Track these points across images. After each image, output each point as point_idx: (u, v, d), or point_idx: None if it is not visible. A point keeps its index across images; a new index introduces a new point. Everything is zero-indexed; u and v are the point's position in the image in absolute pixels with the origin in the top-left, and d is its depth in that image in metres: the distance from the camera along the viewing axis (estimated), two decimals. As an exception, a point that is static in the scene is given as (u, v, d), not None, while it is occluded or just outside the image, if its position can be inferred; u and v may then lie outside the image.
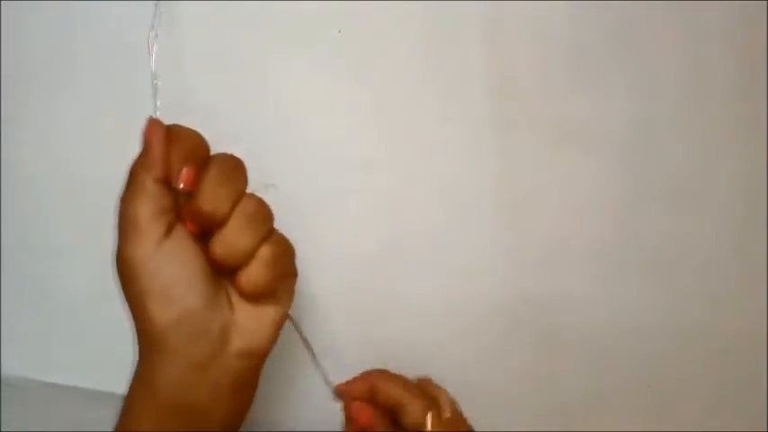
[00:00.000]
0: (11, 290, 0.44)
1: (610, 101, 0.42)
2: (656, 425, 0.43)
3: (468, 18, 0.41)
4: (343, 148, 0.42)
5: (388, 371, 0.37)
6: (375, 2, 0.41)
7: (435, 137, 0.42)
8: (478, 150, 0.42)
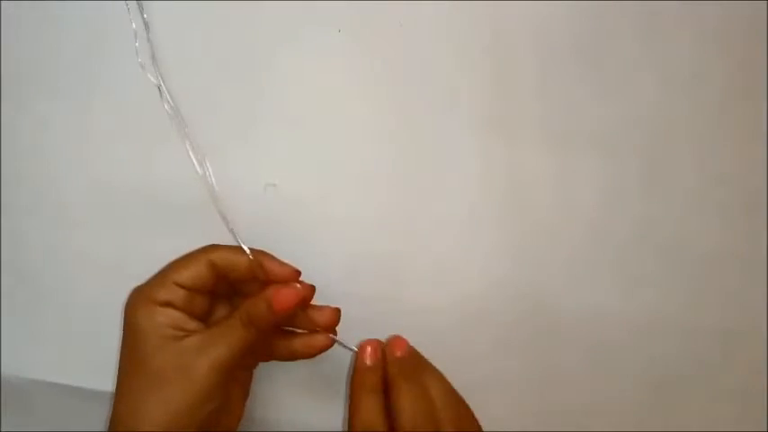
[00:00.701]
0: (11, 290, 0.44)
1: (610, 101, 0.42)
2: (656, 425, 0.43)
3: (469, 18, 0.41)
4: (344, 148, 0.42)
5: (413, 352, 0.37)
6: (375, 2, 0.41)
7: (435, 136, 0.42)
8: (478, 150, 0.42)
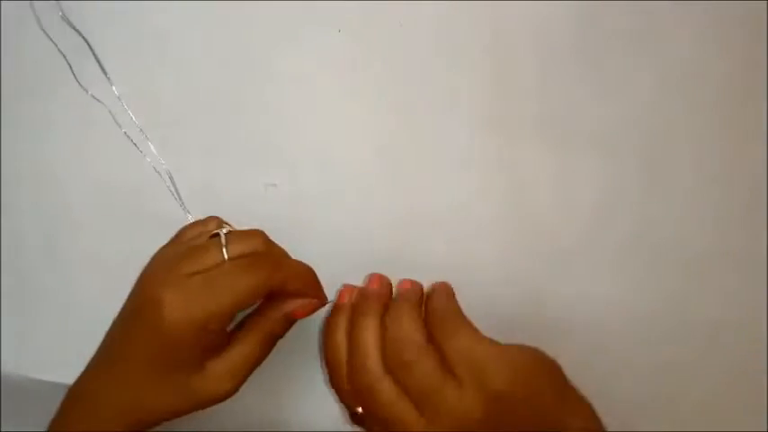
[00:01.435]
0: (11, 290, 0.44)
1: (609, 101, 0.42)
2: (656, 425, 0.43)
3: (469, 18, 0.41)
4: (344, 148, 0.42)
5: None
6: (375, 2, 0.41)
7: (435, 136, 0.42)
8: (478, 150, 0.42)
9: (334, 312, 0.36)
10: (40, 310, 0.44)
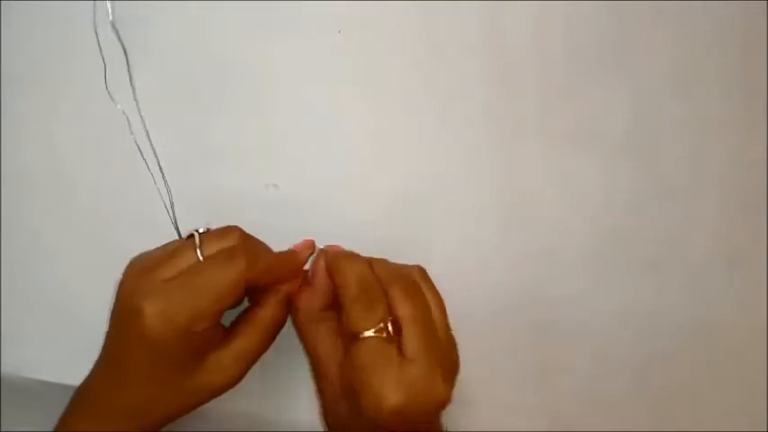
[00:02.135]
0: (11, 290, 0.44)
1: (609, 101, 0.42)
2: (655, 425, 0.43)
3: (469, 18, 0.41)
4: (344, 149, 0.42)
5: (356, 255, 0.36)
6: (375, 2, 0.41)
7: (435, 136, 0.42)
8: (478, 150, 0.42)
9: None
10: (40, 310, 0.44)
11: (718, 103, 0.42)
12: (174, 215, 0.39)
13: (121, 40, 0.40)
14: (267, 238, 0.36)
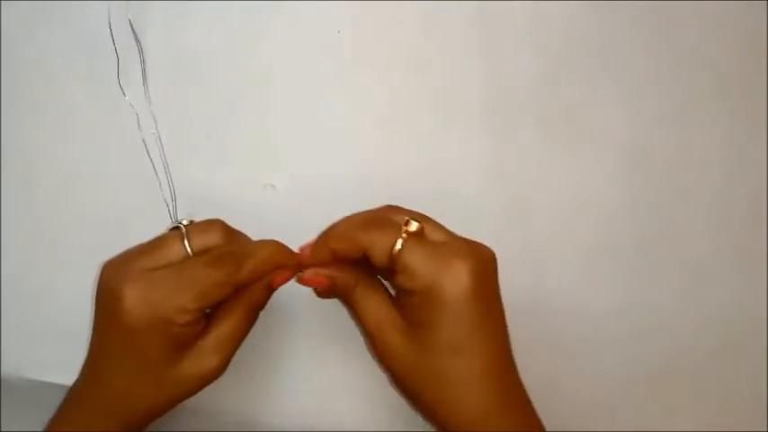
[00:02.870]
0: (11, 290, 0.44)
1: (609, 101, 0.42)
2: (655, 425, 0.43)
3: (468, 18, 0.41)
4: (343, 148, 0.42)
5: (338, 222, 0.35)
6: (375, 2, 0.41)
7: (436, 136, 0.42)
8: (478, 150, 0.42)
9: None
10: (40, 310, 0.44)
11: (718, 102, 0.42)
12: (176, 214, 0.39)
13: (137, 37, 0.40)
14: (264, 238, 0.36)
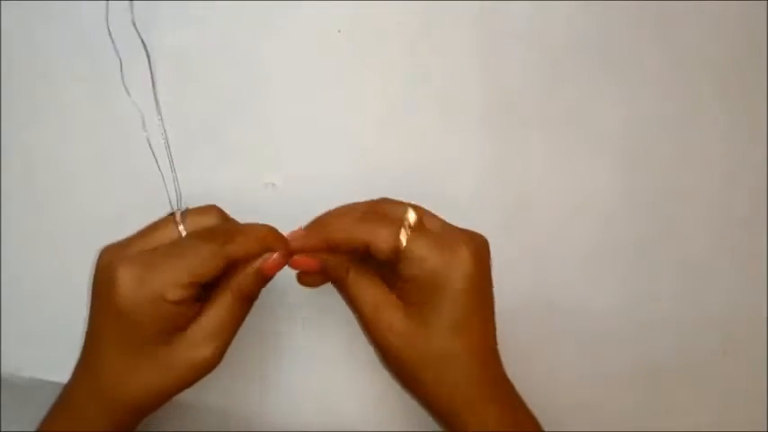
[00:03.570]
0: (11, 290, 0.44)
1: (609, 101, 0.42)
2: (655, 425, 0.43)
3: (468, 19, 0.41)
4: (343, 148, 0.42)
5: (334, 213, 0.35)
6: (375, 2, 0.41)
7: (437, 136, 0.42)
8: (478, 150, 0.42)
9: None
10: (40, 310, 0.44)
11: (718, 102, 0.42)
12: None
13: (142, 39, 0.40)
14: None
